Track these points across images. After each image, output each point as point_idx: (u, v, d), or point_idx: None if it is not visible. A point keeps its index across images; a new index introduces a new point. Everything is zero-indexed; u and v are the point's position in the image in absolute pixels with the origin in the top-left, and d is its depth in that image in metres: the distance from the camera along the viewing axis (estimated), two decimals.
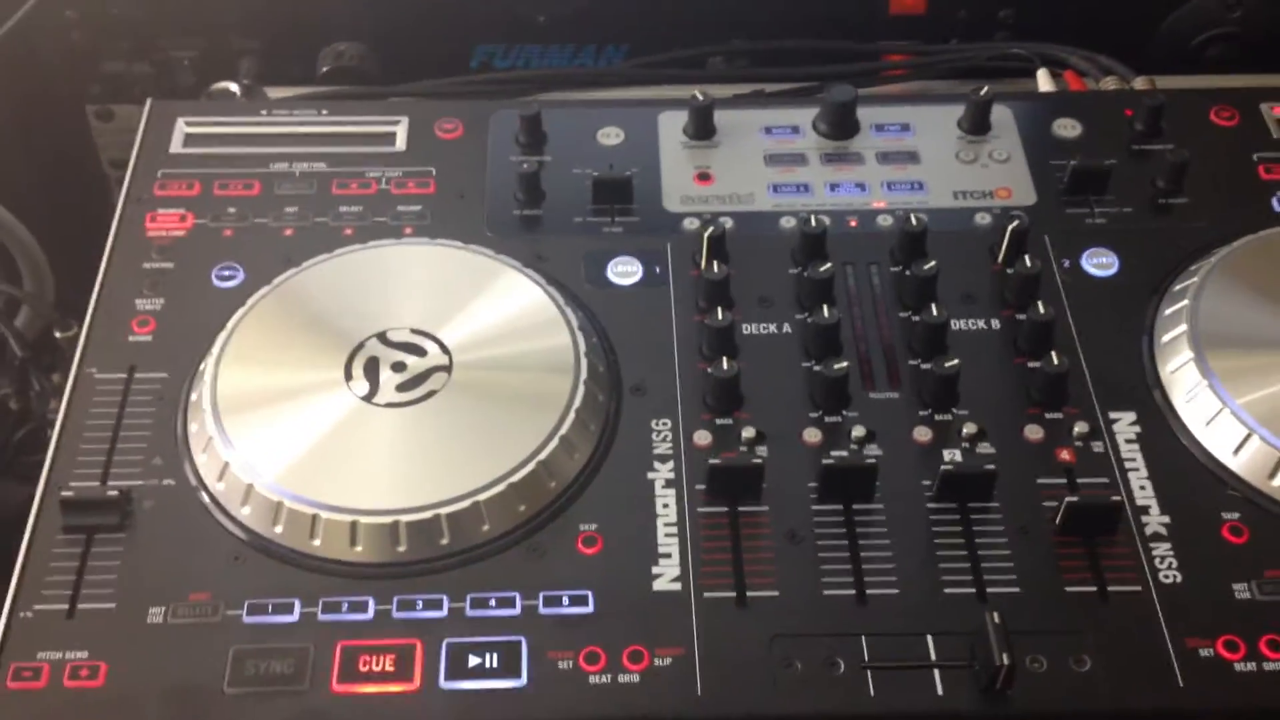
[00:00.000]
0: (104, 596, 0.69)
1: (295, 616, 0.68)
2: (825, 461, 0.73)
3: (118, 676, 0.66)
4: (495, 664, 0.66)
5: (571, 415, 0.74)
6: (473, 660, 0.67)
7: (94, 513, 0.71)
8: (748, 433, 0.76)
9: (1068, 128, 0.94)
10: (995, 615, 0.66)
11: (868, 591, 0.70)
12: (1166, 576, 0.71)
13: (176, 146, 0.91)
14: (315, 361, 0.77)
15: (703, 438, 0.76)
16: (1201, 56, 1.15)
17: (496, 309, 0.80)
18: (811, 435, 0.76)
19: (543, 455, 0.72)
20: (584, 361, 0.76)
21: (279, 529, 0.71)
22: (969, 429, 0.76)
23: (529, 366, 0.77)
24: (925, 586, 0.70)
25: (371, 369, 0.76)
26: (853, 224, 0.88)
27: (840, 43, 1.11)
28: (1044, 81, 1.04)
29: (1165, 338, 0.80)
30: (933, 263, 0.82)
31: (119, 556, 0.70)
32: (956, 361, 0.77)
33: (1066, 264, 0.85)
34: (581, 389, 0.75)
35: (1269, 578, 0.71)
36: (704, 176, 0.91)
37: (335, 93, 1.03)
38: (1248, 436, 0.74)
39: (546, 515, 0.72)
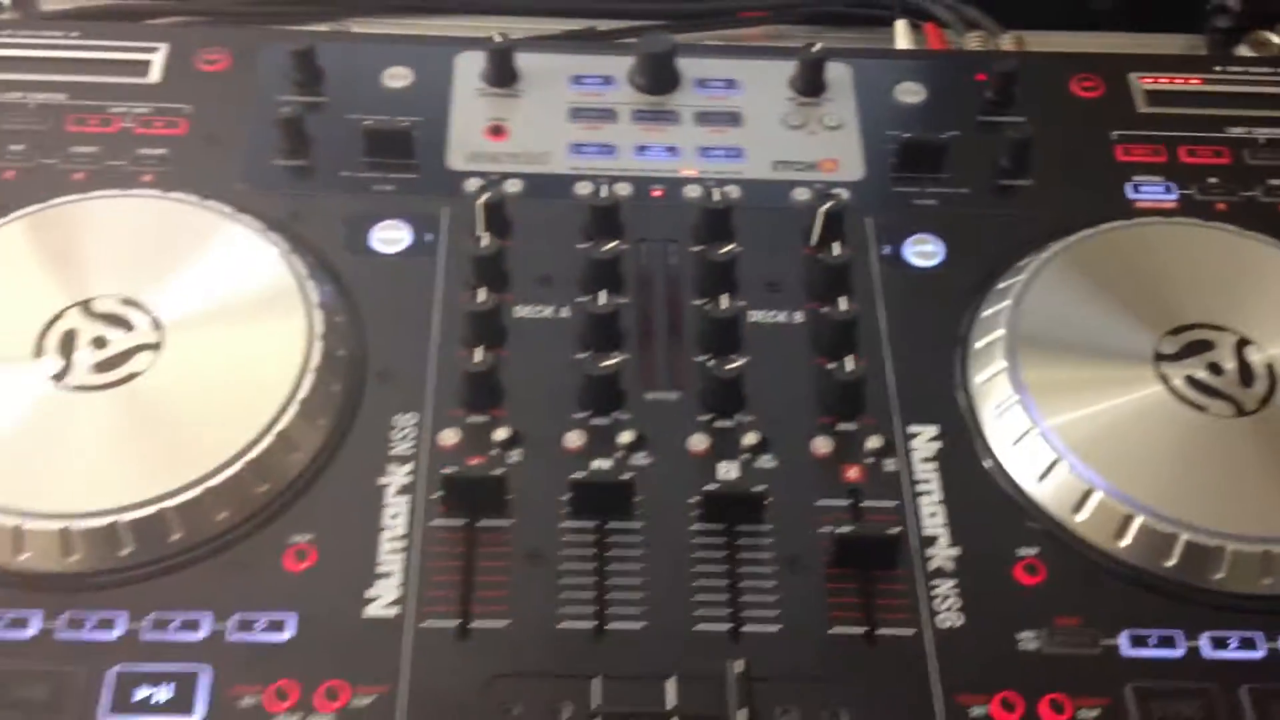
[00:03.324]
0: None
1: None
2: (573, 476, 0.65)
3: None
4: (167, 698, 0.58)
5: (294, 408, 0.65)
6: (141, 692, 0.58)
7: None
8: (501, 434, 0.67)
9: (911, 93, 0.85)
10: (738, 664, 0.59)
11: (608, 626, 0.62)
12: (945, 620, 0.63)
13: None
14: (2, 336, 0.67)
15: (449, 437, 0.67)
16: (1087, 8, 1.05)
17: (224, 279, 0.70)
18: (573, 439, 0.68)
19: (252, 454, 0.63)
20: (318, 345, 0.67)
21: None
22: (749, 439, 0.68)
23: (253, 348, 0.67)
24: (674, 621, 0.62)
25: (67, 344, 0.67)
26: (656, 194, 0.79)
27: None
28: (901, 36, 0.95)
29: (979, 343, 0.72)
30: (730, 246, 0.73)
31: None
32: (739, 363, 0.69)
33: (888, 251, 0.77)
34: (310, 378, 0.66)
35: (1060, 626, 0.63)
36: (496, 130, 0.81)
37: (98, 10, 0.91)
38: (1055, 462, 0.67)
39: (252, 524, 0.63)
